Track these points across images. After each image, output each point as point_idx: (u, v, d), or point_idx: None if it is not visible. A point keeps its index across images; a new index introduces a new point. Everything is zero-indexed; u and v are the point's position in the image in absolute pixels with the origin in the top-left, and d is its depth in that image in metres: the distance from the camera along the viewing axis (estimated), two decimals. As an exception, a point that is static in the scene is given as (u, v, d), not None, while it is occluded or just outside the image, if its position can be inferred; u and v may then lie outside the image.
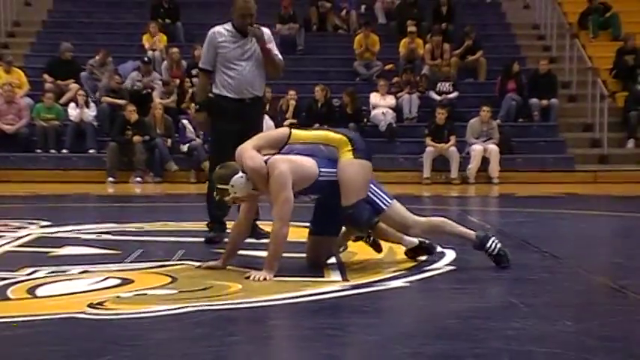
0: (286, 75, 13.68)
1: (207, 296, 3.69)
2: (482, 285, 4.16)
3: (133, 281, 4.04)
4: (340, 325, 3.20)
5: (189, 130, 11.94)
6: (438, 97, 13.23)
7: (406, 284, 3.96)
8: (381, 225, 4.44)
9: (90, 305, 3.44)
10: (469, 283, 4.16)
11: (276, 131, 4.72)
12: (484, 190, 11.09)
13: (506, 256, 4.39)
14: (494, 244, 4.38)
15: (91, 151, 12.40)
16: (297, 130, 4.49)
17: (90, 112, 12.59)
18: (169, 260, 4.64)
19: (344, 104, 12.70)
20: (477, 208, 9.46)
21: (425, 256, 4.62)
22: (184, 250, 4.96)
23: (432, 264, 4.51)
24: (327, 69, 14.53)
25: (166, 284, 3.97)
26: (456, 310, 3.46)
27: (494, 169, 11.92)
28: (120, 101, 12.59)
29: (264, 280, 4.01)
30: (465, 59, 14.19)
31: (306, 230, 4.54)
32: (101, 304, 3.49)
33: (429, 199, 10.16)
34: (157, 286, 3.91)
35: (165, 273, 4.24)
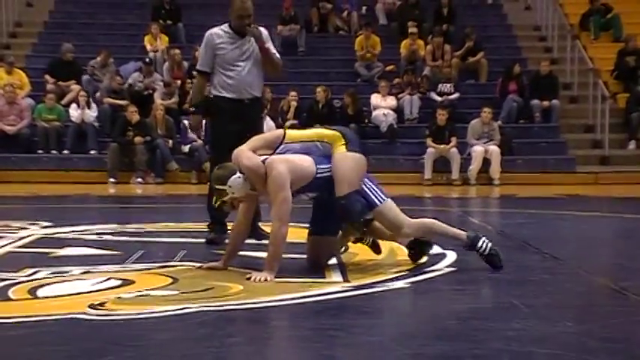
0: (287, 76, 13.81)
1: (209, 297, 3.70)
2: (483, 286, 4.16)
3: (134, 282, 4.04)
4: (341, 326, 3.20)
5: (190, 131, 11.95)
6: (438, 98, 13.24)
7: (407, 285, 3.97)
8: (376, 224, 4.45)
9: (91, 306, 3.44)
10: (470, 284, 4.16)
11: (271, 133, 4.75)
12: (485, 192, 11.09)
13: (498, 256, 4.38)
14: (484, 244, 4.37)
15: (92, 152, 12.41)
16: (291, 131, 4.57)
17: (91, 113, 12.60)
18: (170, 261, 4.64)
19: (345, 105, 12.70)
20: (477, 209, 9.46)
21: (425, 256, 4.60)
22: (185, 251, 4.97)
23: (432, 265, 4.52)
24: (328, 70, 14.53)
25: (167, 285, 3.98)
26: (457, 311, 3.47)
27: (495, 170, 11.91)
28: (121, 102, 12.61)
29: (265, 281, 4.02)
30: (466, 60, 14.19)
31: (306, 231, 4.55)
32: (102, 304, 3.50)
33: (429, 200, 10.16)
34: (158, 287, 3.91)
35: (167, 274, 4.24)
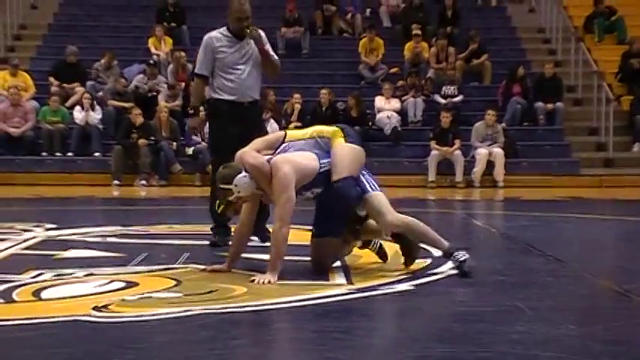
0: (291, 78, 13.88)
1: (212, 299, 3.70)
2: (487, 288, 4.16)
3: (137, 284, 4.04)
4: (345, 329, 3.20)
5: (191, 133, 11.95)
6: (443, 101, 13.24)
7: (411, 288, 3.96)
8: (369, 222, 4.45)
9: (95, 308, 3.44)
10: (473, 286, 4.16)
11: (272, 134, 4.79)
12: (489, 194, 11.08)
13: (470, 274, 4.23)
14: (463, 255, 4.26)
15: (97, 154, 12.43)
16: (291, 131, 4.67)
17: (95, 115, 12.62)
18: (174, 263, 4.65)
19: (349, 107, 12.71)
20: (481, 211, 9.45)
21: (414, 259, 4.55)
22: (189, 254, 4.97)
23: (436, 267, 4.51)
24: (332, 72, 14.54)
25: (171, 287, 3.98)
26: (461, 314, 3.46)
27: (499, 172, 11.91)
28: (126, 104, 12.62)
29: (268, 284, 4.02)
30: (470, 63, 14.19)
31: (309, 233, 4.54)
32: (106, 306, 3.50)
33: (433, 202, 10.16)
34: (162, 289, 3.91)
35: (170, 276, 4.25)
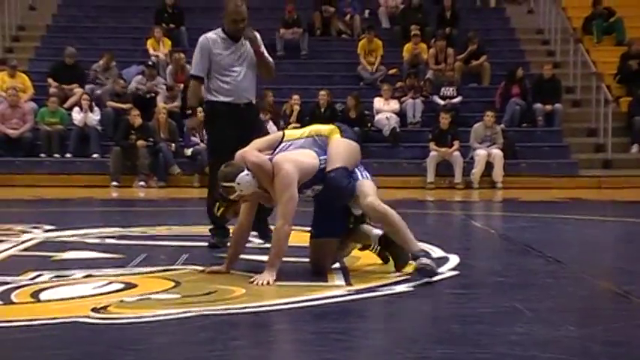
0: (290, 79, 13.88)
1: (211, 300, 3.69)
2: (486, 290, 4.16)
3: (136, 285, 4.04)
4: (344, 330, 3.20)
5: (189, 133, 11.95)
6: (441, 102, 13.24)
7: (410, 289, 3.96)
8: (362, 227, 4.43)
9: (94, 309, 3.44)
10: (473, 287, 4.16)
11: (270, 135, 4.79)
12: (488, 195, 11.08)
13: (430, 274, 4.11)
14: (427, 262, 4.12)
15: (95, 156, 12.43)
16: (289, 131, 4.69)
17: (94, 117, 12.62)
18: (173, 265, 4.64)
19: (347, 108, 12.71)
20: (480, 212, 9.45)
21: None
22: (188, 255, 4.97)
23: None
24: (330, 73, 14.54)
25: (170, 288, 3.97)
26: (460, 315, 3.46)
27: (498, 173, 11.91)
28: (124, 105, 12.61)
29: (267, 285, 4.01)
30: (469, 64, 14.20)
31: (308, 235, 4.54)
32: (105, 308, 3.49)
33: (432, 203, 10.16)
34: (161, 291, 3.91)
35: (169, 277, 4.24)
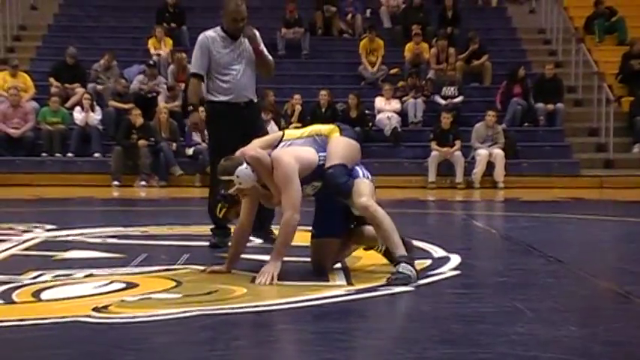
0: (291, 79, 13.88)
1: (212, 300, 3.69)
2: (487, 290, 4.15)
3: (137, 285, 4.04)
4: (345, 330, 3.19)
5: (194, 134, 11.96)
6: (443, 102, 13.24)
7: (411, 289, 3.95)
8: (362, 229, 4.43)
9: (95, 309, 3.44)
10: (474, 287, 4.15)
11: (270, 135, 4.78)
12: (489, 195, 11.07)
13: (406, 282, 3.98)
14: (407, 269, 4.02)
15: (96, 155, 12.43)
16: (289, 131, 4.68)
17: (95, 116, 12.62)
18: (174, 264, 4.64)
19: (348, 108, 12.70)
20: (482, 212, 9.45)
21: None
22: (189, 254, 4.97)
23: (436, 268, 4.51)
24: (332, 73, 14.55)
25: (171, 288, 3.97)
26: (461, 315, 3.46)
27: (499, 173, 11.91)
28: (126, 105, 12.61)
29: (270, 283, 4.01)
30: (471, 63, 14.20)
31: (310, 234, 4.53)
32: (106, 307, 3.49)
33: (433, 203, 10.15)
34: (162, 290, 3.91)
35: (170, 277, 4.24)
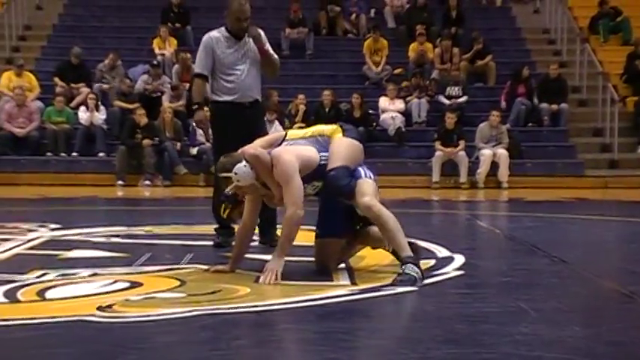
0: (295, 79, 13.88)
1: (216, 300, 3.70)
2: (491, 290, 4.15)
3: (141, 284, 4.05)
4: (348, 330, 3.19)
5: (199, 134, 11.97)
6: (447, 102, 13.22)
7: (414, 289, 3.95)
8: (369, 229, 4.43)
9: (99, 308, 3.45)
10: (478, 287, 4.15)
11: (273, 134, 4.78)
12: (493, 195, 11.06)
13: (412, 283, 3.97)
14: (413, 270, 4.01)
15: (101, 155, 12.45)
16: (292, 131, 4.67)
17: (100, 116, 12.64)
18: (178, 264, 4.65)
19: (352, 108, 12.70)
20: (486, 212, 9.44)
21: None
22: (193, 254, 4.97)
23: (440, 268, 4.50)
24: (336, 73, 14.54)
25: (175, 287, 3.98)
26: (465, 315, 3.45)
27: (503, 173, 11.89)
28: (131, 106, 12.61)
29: (274, 282, 4.01)
30: (475, 63, 14.18)
31: (314, 234, 4.53)
32: (110, 306, 3.50)
33: (437, 203, 10.15)
34: (166, 289, 3.91)
35: (174, 276, 4.25)
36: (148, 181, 11.84)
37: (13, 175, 11.93)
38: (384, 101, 13.07)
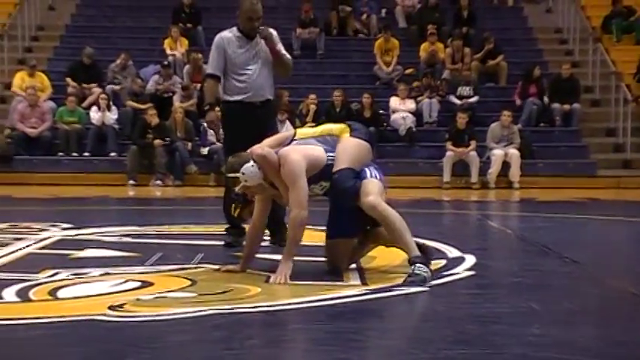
0: (306, 79, 13.89)
1: (227, 299, 3.70)
2: (502, 290, 4.14)
3: (152, 284, 4.06)
4: (359, 330, 3.19)
5: (209, 134, 12.00)
6: (458, 102, 13.19)
7: (425, 289, 3.94)
8: (380, 229, 4.41)
9: (110, 307, 3.46)
10: (489, 288, 4.14)
11: (282, 133, 4.77)
12: (504, 195, 11.03)
13: (422, 283, 3.96)
14: (423, 270, 4.00)
15: (112, 155, 12.50)
16: (301, 129, 4.66)
17: (111, 116, 12.69)
18: (189, 263, 4.66)
19: (362, 108, 12.68)
20: (497, 212, 9.41)
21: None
22: (204, 254, 4.98)
23: (451, 269, 4.49)
24: (347, 73, 14.54)
25: (186, 287, 3.99)
26: (476, 315, 3.44)
27: (514, 173, 11.85)
28: (144, 106, 12.64)
29: (283, 282, 4.02)
30: (486, 63, 14.14)
31: (324, 234, 4.53)
32: (121, 306, 3.51)
33: (448, 203, 10.12)
34: (177, 289, 3.92)
35: (185, 276, 4.26)
36: (159, 181, 11.88)
37: (25, 175, 12.00)
38: (394, 101, 13.06)
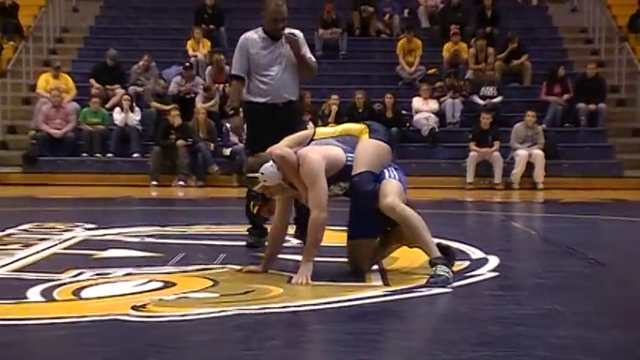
0: (328, 79, 13.88)
1: (249, 300, 3.70)
2: (526, 292, 4.10)
3: (175, 284, 4.07)
4: (380, 331, 3.18)
5: (232, 134, 12.03)
6: (481, 102, 13.11)
7: (448, 290, 3.92)
8: (400, 230, 4.37)
9: (133, 307, 3.47)
10: (512, 289, 4.10)
11: (301, 132, 4.74)
12: (528, 196, 10.94)
13: (443, 284, 3.94)
14: (444, 270, 3.99)
15: (135, 155, 12.58)
16: (320, 129, 4.63)
17: (134, 117, 12.78)
18: (211, 264, 4.67)
19: (384, 108, 12.64)
20: (521, 213, 9.34)
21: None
22: (226, 254, 4.99)
23: (474, 270, 4.46)
24: (369, 73, 14.51)
25: (208, 287, 3.99)
26: (499, 317, 3.41)
27: (539, 174, 11.76)
28: (167, 107, 12.71)
29: (305, 283, 4.01)
30: (510, 63, 14.04)
31: (346, 235, 4.52)
32: (144, 306, 3.52)
33: (472, 204, 10.07)
34: (199, 289, 3.93)
35: (207, 276, 4.26)
36: (181, 182, 11.93)
37: (49, 176, 12.12)
38: (417, 102, 13.01)
